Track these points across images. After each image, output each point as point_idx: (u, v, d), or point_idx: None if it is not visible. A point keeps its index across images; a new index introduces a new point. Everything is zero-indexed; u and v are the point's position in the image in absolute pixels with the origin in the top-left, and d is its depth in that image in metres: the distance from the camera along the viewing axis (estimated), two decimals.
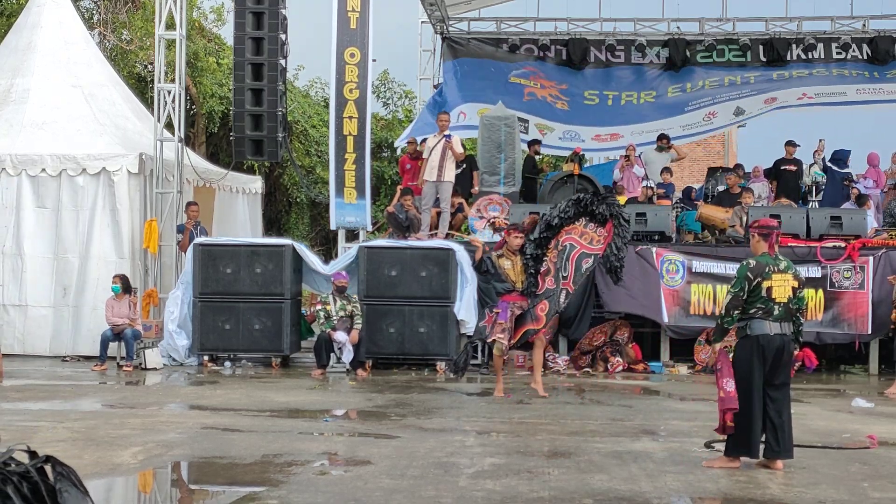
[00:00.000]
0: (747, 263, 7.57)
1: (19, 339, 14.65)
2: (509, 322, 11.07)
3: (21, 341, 14.62)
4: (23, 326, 14.67)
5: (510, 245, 11.26)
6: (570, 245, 11.05)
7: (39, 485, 3.09)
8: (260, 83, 14.65)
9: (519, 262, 11.17)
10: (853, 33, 20.45)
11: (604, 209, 10.97)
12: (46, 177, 14.72)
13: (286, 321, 13.73)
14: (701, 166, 29.06)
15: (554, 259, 11.06)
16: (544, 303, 11.11)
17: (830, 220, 14.27)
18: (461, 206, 15.53)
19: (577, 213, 11.04)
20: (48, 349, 14.61)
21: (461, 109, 18.98)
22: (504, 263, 11.28)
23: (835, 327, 13.91)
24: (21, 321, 14.68)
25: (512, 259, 11.24)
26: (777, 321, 7.44)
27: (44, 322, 14.66)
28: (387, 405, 10.56)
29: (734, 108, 19.99)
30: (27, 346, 14.60)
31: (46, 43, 16.17)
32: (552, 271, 11.07)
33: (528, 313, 11.11)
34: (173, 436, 8.54)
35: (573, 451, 8.05)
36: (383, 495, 6.41)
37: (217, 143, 25.78)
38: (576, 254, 11.01)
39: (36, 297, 14.67)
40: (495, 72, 20.55)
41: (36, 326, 14.66)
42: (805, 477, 7.20)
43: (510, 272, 11.25)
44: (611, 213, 10.97)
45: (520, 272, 11.16)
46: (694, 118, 20.09)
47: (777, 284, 7.45)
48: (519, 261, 11.17)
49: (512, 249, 11.25)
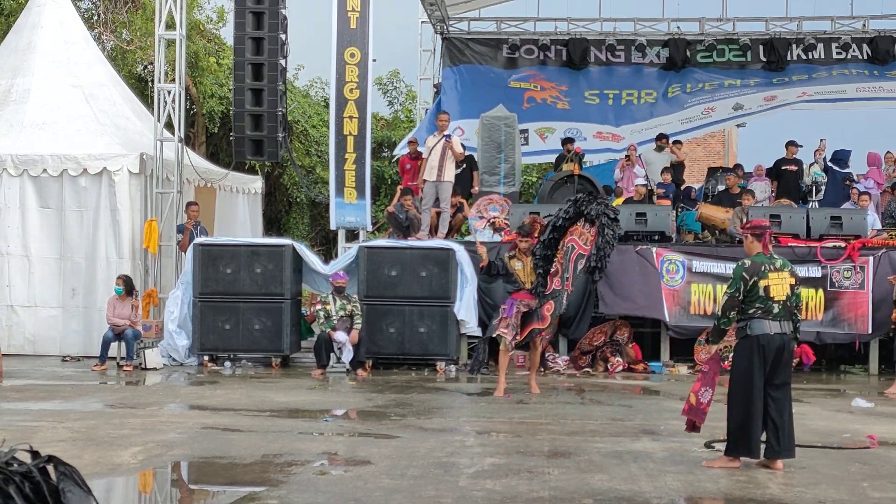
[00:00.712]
0: (742, 264, 7.58)
1: (30, 339, 14.74)
2: (515, 319, 11.16)
3: (32, 342, 14.71)
4: (33, 327, 14.74)
5: (519, 248, 11.45)
6: (571, 246, 11.11)
7: (42, 485, 3.08)
8: (260, 83, 14.65)
9: (530, 263, 11.31)
10: (853, 33, 20.45)
11: (593, 209, 11.03)
12: (48, 177, 14.74)
13: (286, 321, 13.73)
14: (701, 166, 29.06)
15: (561, 260, 11.15)
16: (550, 303, 11.16)
17: (830, 220, 14.27)
18: (461, 205, 15.53)
19: (577, 214, 11.14)
20: (59, 350, 14.67)
21: (459, 125, 18.94)
22: (515, 265, 11.46)
23: (835, 327, 13.90)
24: (31, 322, 14.74)
25: (523, 260, 11.40)
26: (776, 320, 7.44)
27: (53, 323, 14.74)
28: (387, 405, 10.56)
29: (733, 104, 19.99)
30: (38, 347, 14.68)
31: (46, 43, 16.17)
32: (559, 272, 11.14)
33: (535, 312, 11.17)
34: (173, 436, 8.54)
35: (573, 451, 8.05)
36: (383, 495, 6.41)
37: (217, 143, 25.77)
38: (574, 255, 11.07)
39: (45, 298, 14.74)
40: (495, 78, 20.53)
41: (46, 327, 14.73)
42: (805, 477, 7.20)
43: (521, 273, 11.40)
44: (596, 213, 11.02)
45: (530, 273, 11.30)
46: (692, 113, 20.11)
47: (774, 283, 7.45)
48: (530, 262, 11.31)
49: (522, 251, 11.41)
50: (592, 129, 19.95)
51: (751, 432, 7.39)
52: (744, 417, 7.40)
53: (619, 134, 19.98)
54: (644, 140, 18.98)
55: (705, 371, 7.59)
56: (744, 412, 7.40)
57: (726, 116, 20.55)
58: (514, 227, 14.29)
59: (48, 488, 3.09)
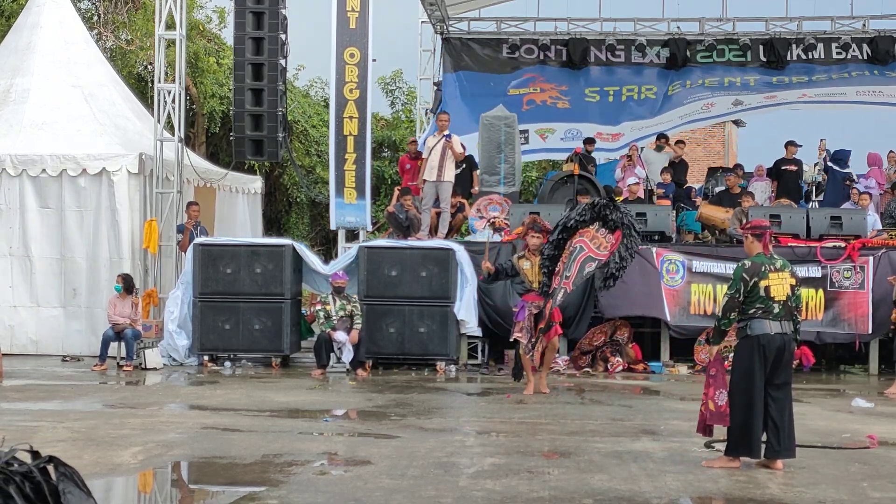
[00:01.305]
0: (743, 264, 7.59)
1: (33, 339, 14.76)
2: (528, 321, 11.24)
3: (35, 342, 14.73)
4: (35, 328, 14.75)
5: (529, 245, 11.49)
6: (580, 247, 11.11)
7: (42, 485, 3.08)
8: (260, 83, 14.65)
9: (538, 262, 11.35)
10: (853, 33, 20.45)
11: (617, 216, 11.10)
12: (47, 177, 14.74)
13: (286, 321, 13.73)
14: (701, 166, 29.03)
15: (564, 259, 11.17)
16: (548, 301, 11.18)
17: (830, 220, 14.27)
18: (462, 206, 15.52)
19: (593, 218, 11.15)
20: (61, 349, 14.69)
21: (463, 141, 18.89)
22: (524, 264, 11.49)
23: (835, 327, 13.90)
24: (34, 322, 14.75)
25: (532, 259, 11.44)
26: (777, 320, 7.44)
27: (55, 322, 14.76)
28: (387, 405, 10.55)
29: (733, 100, 19.95)
30: (41, 347, 14.70)
31: (46, 43, 16.17)
32: (560, 271, 11.16)
33: (542, 313, 11.17)
34: (173, 436, 8.54)
35: (573, 451, 8.05)
36: (383, 495, 6.41)
37: (217, 143, 25.76)
38: (583, 256, 11.07)
39: (47, 298, 14.76)
40: (495, 87, 20.51)
41: (48, 327, 14.75)
42: (805, 477, 7.20)
43: (528, 272, 11.43)
44: (622, 223, 11.09)
45: (537, 272, 11.34)
46: (692, 108, 20.07)
47: (775, 283, 7.45)
48: (538, 261, 11.35)
49: (532, 250, 11.44)
50: (592, 129, 19.94)
51: (751, 432, 7.39)
52: (744, 417, 7.40)
53: (620, 132, 19.96)
54: (644, 136, 18.97)
55: (713, 374, 7.58)
56: (744, 412, 7.40)
57: (725, 111, 20.52)
58: (514, 226, 14.31)
59: (48, 489, 3.09)
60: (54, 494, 3.09)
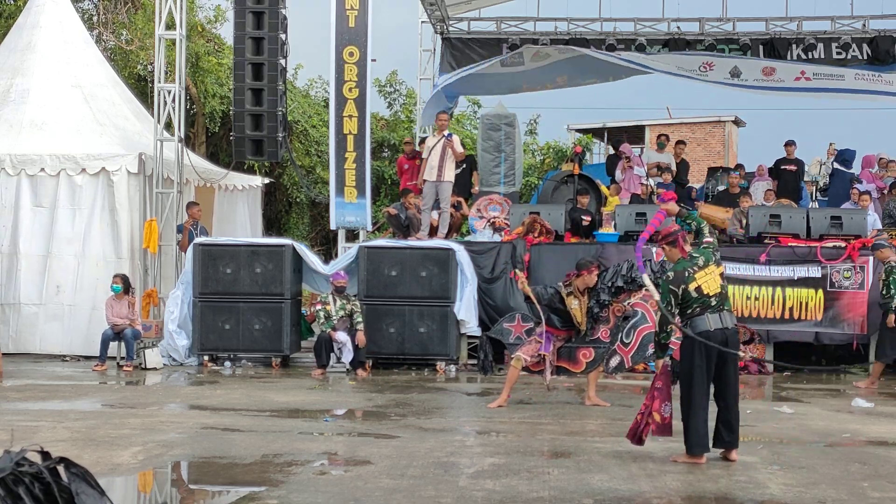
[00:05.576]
0: (667, 278, 7.78)
1: (13, 337, 14.64)
2: (552, 356, 10.47)
3: (15, 340, 14.62)
4: (16, 325, 14.68)
5: (587, 281, 10.29)
6: (642, 314, 10.91)
7: (52, 486, 3.07)
8: (260, 83, 14.64)
9: (585, 303, 10.36)
10: (853, 33, 20.44)
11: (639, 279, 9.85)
12: (45, 176, 14.73)
13: (286, 321, 13.73)
14: (701, 166, 29.03)
15: (618, 312, 10.50)
16: (590, 350, 10.79)
17: (830, 220, 14.26)
18: (459, 204, 15.50)
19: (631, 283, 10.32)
20: (38, 347, 14.58)
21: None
22: (572, 302, 10.33)
23: (834, 327, 13.89)
24: (14, 319, 14.69)
25: (580, 299, 10.35)
26: (716, 312, 7.60)
27: (34, 319, 14.65)
28: (387, 405, 10.56)
29: (731, 67, 19.58)
30: (19, 345, 14.58)
31: (46, 43, 16.17)
32: (612, 324, 10.53)
33: (566, 350, 10.80)
34: (173, 436, 8.54)
35: (573, 451, 8.05)
36: (383, 495, 6.41)
37: (217, 143, 25.76)
38: (645, 329, 10.82)
39: (28, 295, 14.68)
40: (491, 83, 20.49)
41: (28, 324, 14.66)
42: (805, 477, 7.21)
43: (577, 312, 10.35)
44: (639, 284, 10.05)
45: (585, 314, 10.39)
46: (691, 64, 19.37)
47: (703, 280, 7.64)
48: (585, 301, 10.36)
49: (583, 286, 10.32)
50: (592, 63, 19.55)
51: (697, 430, 7.55)
52: (692, 414, 7.55)
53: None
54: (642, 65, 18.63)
55: (659, 387, 7.68)
56: (691, 409, 7.56)
57: (722, 79, 19.98)
58: (514, 226, 14.30)
59: (58, 489, 3.08)
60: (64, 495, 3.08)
